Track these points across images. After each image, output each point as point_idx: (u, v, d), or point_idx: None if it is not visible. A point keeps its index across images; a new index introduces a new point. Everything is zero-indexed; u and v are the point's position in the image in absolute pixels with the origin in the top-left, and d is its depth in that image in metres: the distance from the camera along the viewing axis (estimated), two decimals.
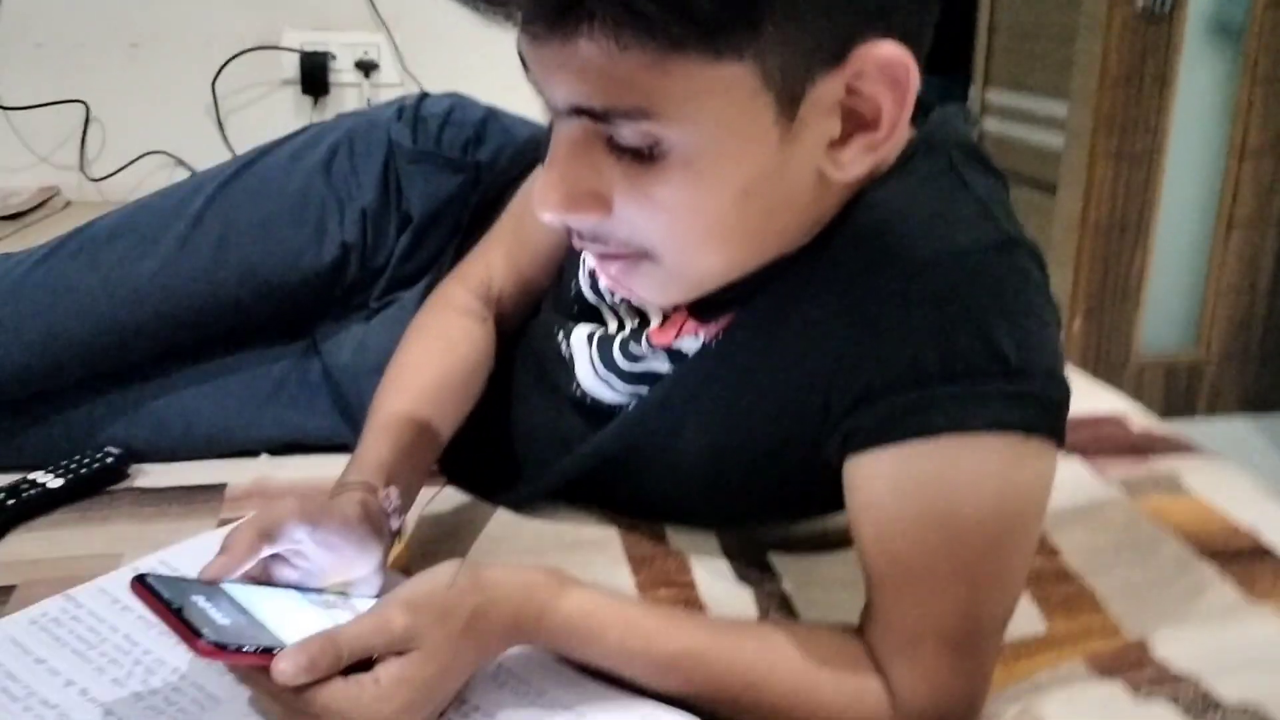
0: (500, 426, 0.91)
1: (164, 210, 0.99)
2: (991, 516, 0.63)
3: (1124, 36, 2.32)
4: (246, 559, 0.65)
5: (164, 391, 1.00)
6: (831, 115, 0.60)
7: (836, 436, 0.68)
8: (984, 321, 0.62)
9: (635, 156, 0.59)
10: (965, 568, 0.64)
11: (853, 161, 0.61)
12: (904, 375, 0.64)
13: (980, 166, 0.70)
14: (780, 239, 0.67)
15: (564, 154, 0.60)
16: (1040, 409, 0.63)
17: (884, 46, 0.57)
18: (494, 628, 0.63)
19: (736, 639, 0.67)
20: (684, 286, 0.68)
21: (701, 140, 0.57)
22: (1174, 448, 1.05)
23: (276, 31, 2.11)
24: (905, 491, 0.64)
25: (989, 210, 0.66)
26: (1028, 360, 0.63)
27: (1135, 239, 2.47)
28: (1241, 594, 0.80)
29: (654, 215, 0.61)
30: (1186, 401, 2.60)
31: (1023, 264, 0.65)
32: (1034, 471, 0.65)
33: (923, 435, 0.63)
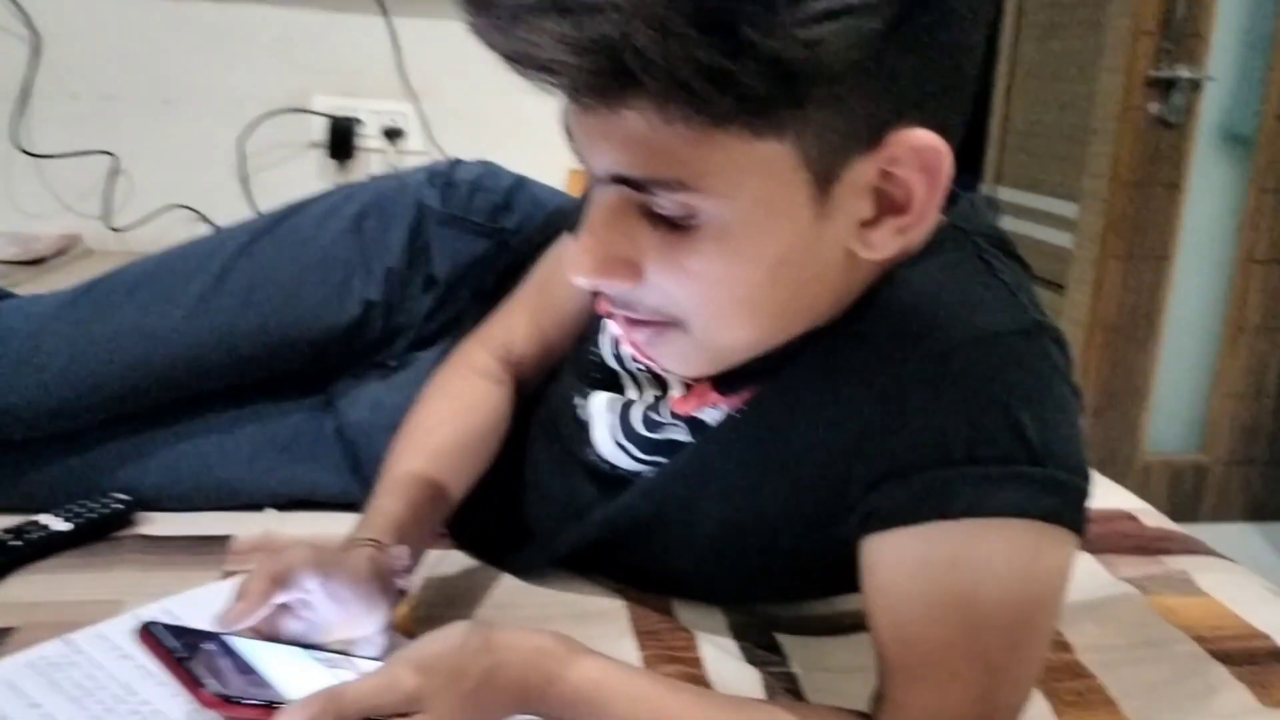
0: (512, 489, 0.91)
1: (192, 261, 1.00)
2: (1011, 603, 0.63)
3: (1136, 141, 2.36)
4: (261, 605, 0.65)
5: (176, 439, 0.99)
6: (864, 197, 0.61)
7: (856, 515, 0.68)
8: (1011, 406, 0.63)
9: (671, 226, 0.60)
10: (982, 655, 0.63)
11: (883, 243, 0.62)
12: (929, 455, 0.64)
13: (1005, 253, 0.71)
14: (808, 315, 0.67)
15: (601, 220, 0.61)
16: (1063, 497, 0.63)
17: (919, 134, 0.58)
18: (502, 692, 0.62)
19: (744, 717, 0.66)
20: (709, 357, 0.68)
21: (738, 214, 0.58)
22: (1186, 548, 1.04)
23: (306, 95, 2.15)
24: (924, 574, 0.64)
25: (1016, 296, 0.67)
26: (1052, 447, 0.63)
27: (1144, 340, 2.48)
28: (1255, 698, 0.79)
29: (686, 284, 0.61)
30: (1191, 504, 2.59)
31: (1049, 350, 0.65)
32: (1054, 560, 0.64)
33: (945, 517, 0.63)
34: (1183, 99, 2.34)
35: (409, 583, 0.76)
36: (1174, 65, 2.33)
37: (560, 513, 0.86)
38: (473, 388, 0.89)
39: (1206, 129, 2.43)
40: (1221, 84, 2.40)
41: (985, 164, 3.06)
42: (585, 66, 0.52)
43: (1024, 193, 2.91)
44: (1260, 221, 2.46)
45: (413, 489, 0.79)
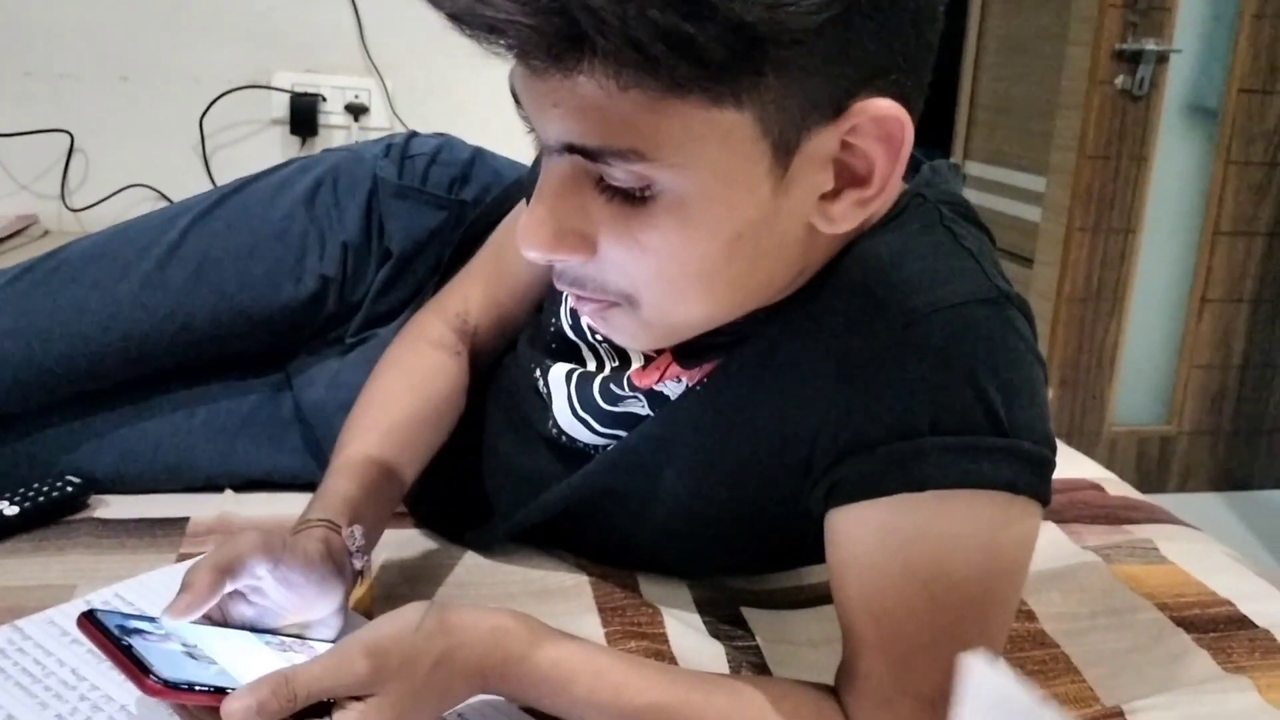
0: (471, 463, 0.89)
1: (142, 236, 0.98)
2: (976, 574, 0.62)
3: (1102, 114, 2.37)
4: (209, 597, 0.63)
5: (130, 420, 0.97)
6: (824, 169, 0.59)
7: (821, 488, 0.67)
8: (975, 376, 0.62)
9: (625, 198, 0.57)
10: (947, 626, 0.62)
11: (843, 216, 0.61)
12: (893, 427, 0.63)
13: (968, 221, 0.70)
14: (764, 289, 0.66)
15: (552, 191, 0.59)
16: (1028, 468, 0.63)
17: (881, 103, 0.57)
18: (459, 674, 0.61)
19: (708, 694, 0.65)
20: (661, 332, 0.66)
21: (694, 186, 0.56)
22: (1151, 517, 1.04)
23: (267, 71, 2.12)
24: (890, 546, 0.63)
25: (980, 265, 0.66)
26: (1017, 418, 0.62)
27: (1110, 312, 2.49)
28: (1218, 664, 0.79)
29: (639, 259, 0.59)
30: (1159, 475, 2.61)
31: (1013, 319, 0.65)
32: (1020, 531, 0.64)
33: (909, 489, 0.62)
34: (1149, 72, 2.34)
35: (365, 563, 0.74)
36: (1140, 38, 2.33)
37: (520, 487, 0.85)
38: (427, 360, 0.87)
39: (1172, 101, 2.43)
40: (1187, 56, 2.41)
41: (954, 139, 3.05)
42: (538, 28, 0.50)
43: (993, 167, 2.91)
44: (1225, 193, 2.47)
45: (366, 467, 0.78)
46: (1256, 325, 2.57)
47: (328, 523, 0.72)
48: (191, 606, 0.63)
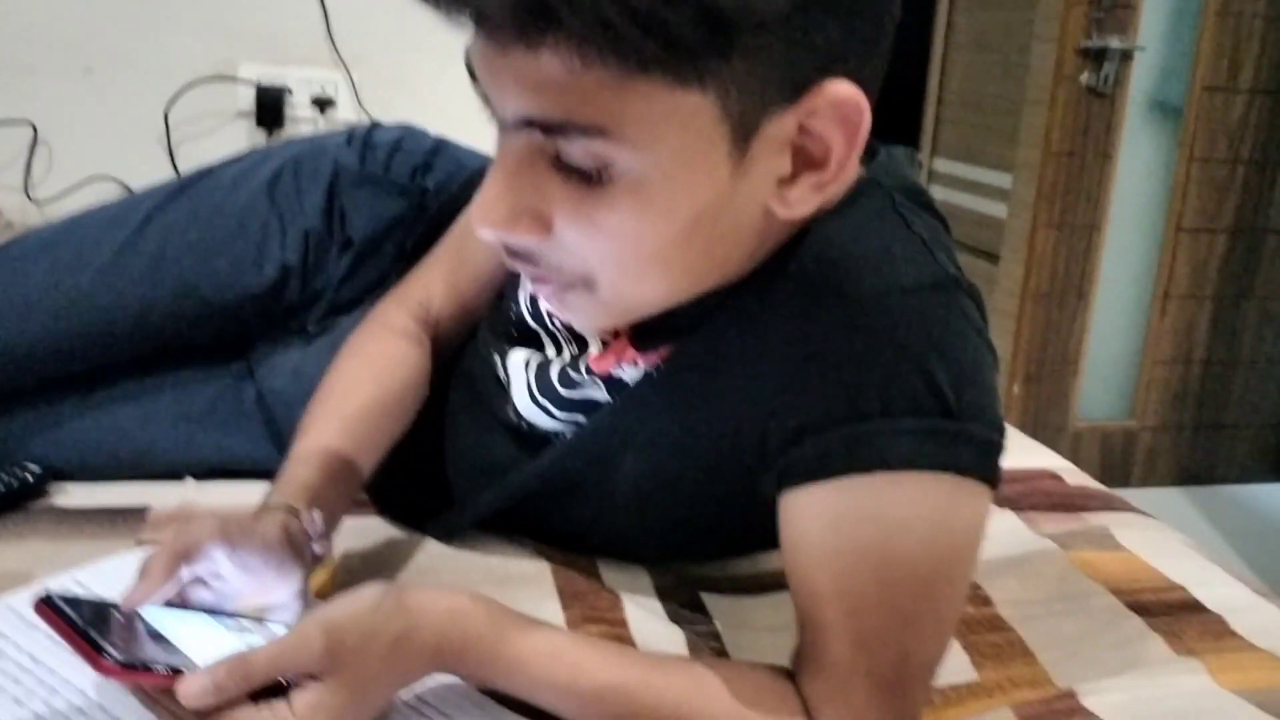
0: (432, 451, 0.89)
1: (103, 223, 0.97)
2: (925, 556, 0.63)
3: (1068, 111, 2.39)
4: (165, 583, 0.63)
5: (91, 408, 0.97)
6: (782, 153, 0.60)
7: (774, 471, 0.68)
8: (924, 359, 0.63)
9: (582, 178, 0.57)
10: (898, 607, 0.63)
11: (800, 200, 0.62)
12: (843, 410, 0.64)
13: (923, 208, 0.71)
14: (720, 271, 0.66)
15: (508, 168, 0.59)
16: (976, 450, 0.63)
17: (839, 87, 0.58)
18: (416, 654, 0.62)
19: (665, 675, 0.65)
20: (617, 313, 0.67)
21: (653, 167, 0.57)
22: (1107, 505, 1.06)
23: (233, 63, 2.10)
24: (839, 528, 0.64)
25: (930, 250, 0.66)
26: (966, 401, 0.63)
27: (1075, 308, 2.52)
28: (1170, 647, 0.80)
29: (595, 241, 0.59)
30: (1121, 470, 2.64)
31: (963, 304, 0.65)
32: (968, 513, 0.65)
33: (858, 471, 0.63)
34: (1114, 69, 2.37)
35: (325, 548, 0.74)
36: (1105, 35, 2.35)
37: (481, 474, 0.85)
38: (389, 349, 0.87)
39: (1137, 99, 2.46)
40: (1151, 54, 2.44)
41: (921, 135, 3.08)
42: (504, 2, 0.51)
43: (960, 164, 2.94)
44: (1189, 190, 2.50)
45: (327, 454, 0.78)
46: (1218, 321, 2.61)
47: (286, 508, 0.72)
48: (149, 593, 0.63)
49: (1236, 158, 2.50)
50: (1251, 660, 0.79)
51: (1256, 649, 0.81)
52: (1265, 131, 2.50)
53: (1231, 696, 0.74)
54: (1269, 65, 2.46)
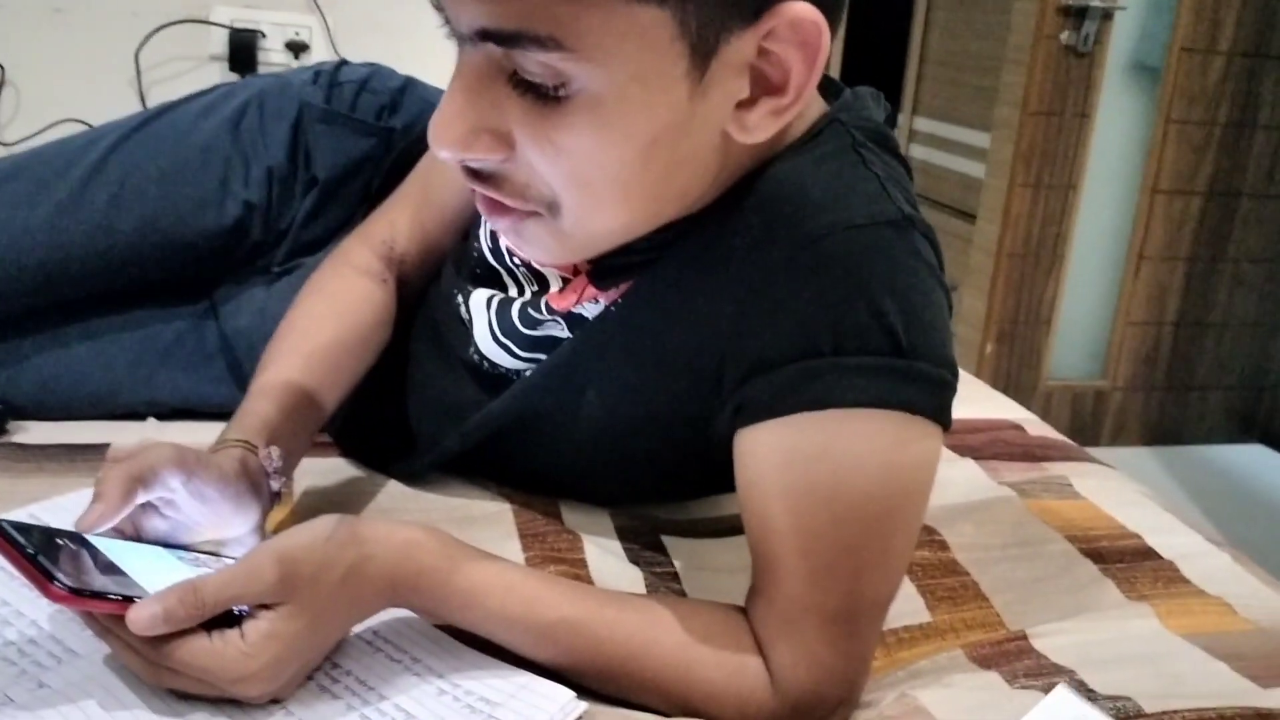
0: (394, 393, 0.89)
1: (62, 157, 0.96)
2: (875, 494, 0.64)
3: (1047, 70, 2.39)
4: (121, 506, 0.63)
5: (52, 346, 0.96)
6: (741, 75, 0.59)
7: (728, 408, 0.68)
8: (875, 296, 0.63)
9: (539, 96, 0.57)
10: (848, 545, 0.64)
11: (758, 125, 0.61)
12: (795, 347, 0.64)
13: (885, 149, 0.70)
14: (679, 199, 0.66)
15: (465, 85, 0.58)
16: (928, 389, 0.64)
17: (798, 6, 0.57)
18: (370, 584, 0.62)
19: (619, 610, 0.66)
20: (576, 245, 0.66)
21: (610, 84, 0.56)
22: (1068, 455, 1.07)
23: (206, 6, 2.07)
24: (791, 465, 0.64)
25: (885, 188, 0.66)
26: (916, 339, 0.63)
27: (1049, 268, 2.53)
28: (1122, 593, 0.81)
29: (555, 161, 0.59)
30: (1092, 429, 2.67)
31: (916, 243, 0.65)
32: (918, 451, 0.65)
33: (809, 408, 0.63)
34: (1094, 28, 2.36)
35: (283, 485, 0.74)
36: None
37: (443, 415, 0.85)
38: (352, 286, 0.87)
39: (1116, 59, 2.46)
40: (1131, 14, 2.43)
41: (903, 94, 3.06)
42: None
43: (941, 123, 2.93)
44: (1165, 152, 2.51)
45: (286, 391, 0.77)
46: (1191, 284, 2.62)
47: (245, 443, 0.72)
48: (104, 516, 0.62)
49: (1214, 120, 2.51)
50: (1200, 605, 0.81)
51: (1206, 595, 0.82)
52: (1243, 94, 2.50)
53: (1180, 640, 0.76)
54: (1248, 28, 2.46)
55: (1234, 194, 2.57)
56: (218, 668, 0.57)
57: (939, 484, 0.94)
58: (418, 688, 0.63)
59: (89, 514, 0.62)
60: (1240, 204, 2.58)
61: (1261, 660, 0.74)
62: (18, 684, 0.60)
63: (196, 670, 0.57)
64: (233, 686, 0.58)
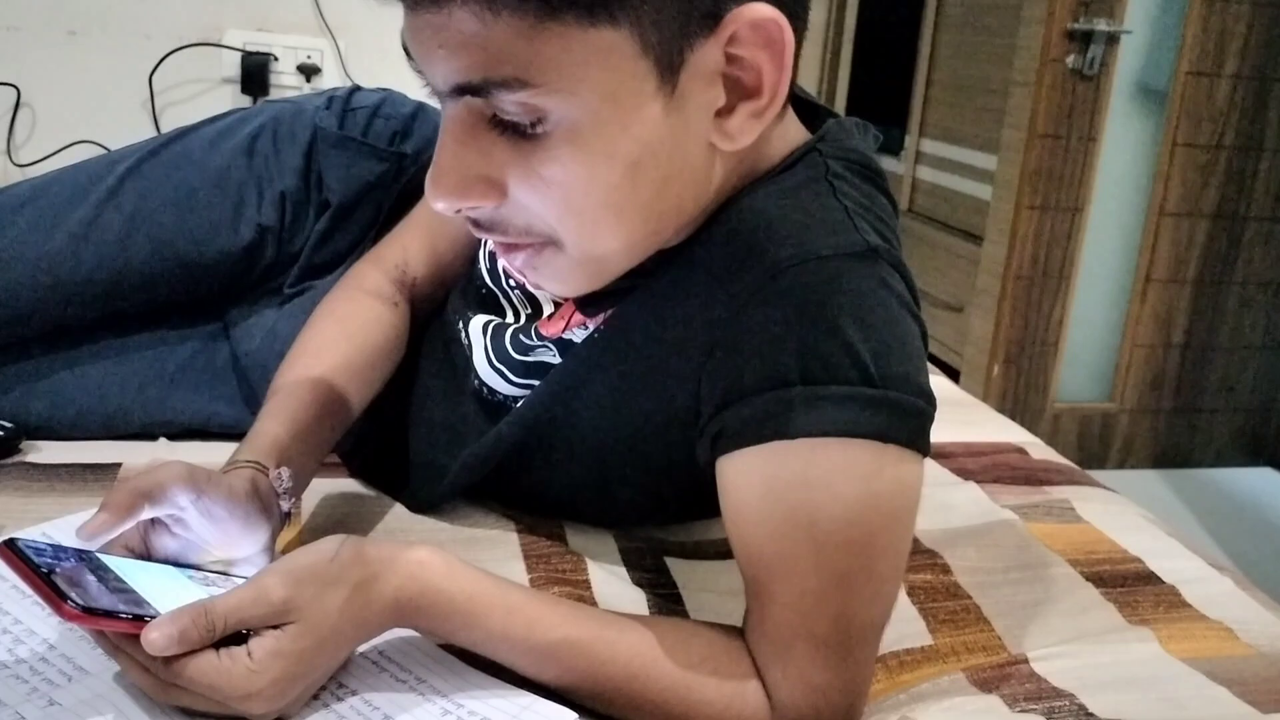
0: (401, 416, 0.90)
1: (79, 181, 0.97)
2: (854, 521, 0.63)
3: (1053, 93, 2.40)
4: (125, 518, 0.64)
5: (65, 366, 0.97)
6: (714, 84, 0.61)
7: (707, 436, 0.68)
8: (839, 326, 0.63)
9: (520, 134, 0.59)
10: (831, 571, 0.64)
11: (740, 130, 0.62)
12: (764, 378, 0.64)
13: (865, 180, 0.71)
14: (675, 215, 0.66)
15: (453, 138, 0.60)
16: (900, 417, 0.63)
17: (755, 7, 0.58)
18: (375, 604, 0.63)
19: (620, 631, 0.66)
20: (588, 273, 0.67)
21: (584, 112, 0.58)
22: (1070, 479, 1.07)
23: (219, 29, 2.10)
24: (769, 493, 0.64)
25: (851, 219, 0.66)
26: (886, 368, 0.63)
27: (1056, 290, 2.53)
28: (1123, 616, 0.82)
29: (547, 195, 0.60)
30: (1099, 451, 2.66)
31: (882, 274, 0.65)
32: (893, 478, 0.64)
33: (783, 437, 0.63)
34: (1100, 52, 2.37)
35: (293, 506, 0.75)
36: (1092, 18, 2.36)
37: (448, 442, 0.86)
38: (364, 309, 0.88)
39: (1122, 82, 2.47)
40: (1138, 37, 2.44)
41: (909, 116, 3.08)
42: None
43: (948, 145, 2.94)
44: (1172, 174, 2.51)
45: (298, 412, 0.78)
46: (1198, 306, 2.62)
47: (255, 464, 0.73)
48: (107, 525, 0.63)
49: (1220, 143, 2.51)
50: (1202, 630, 0.81)
51: (1207, 619, 0.83)
52: (1249, 118, 2.50)
53: (1181, 664, 0.76)
54: (1254, 51, 2.46)
55: (1241, 217, 2.58)
56: (225, 685, 0.58)
57: (941, 507, 0.96)
58: (421, 707, 0.64)
59: (92, 521, 0.63)
60: (1247, 227, 2.59)
61: (1263, 685, 0.74)
62: (29, 702, 0.61)
63: (204, 688, 0.58)
64: (239, 704, 0.59)
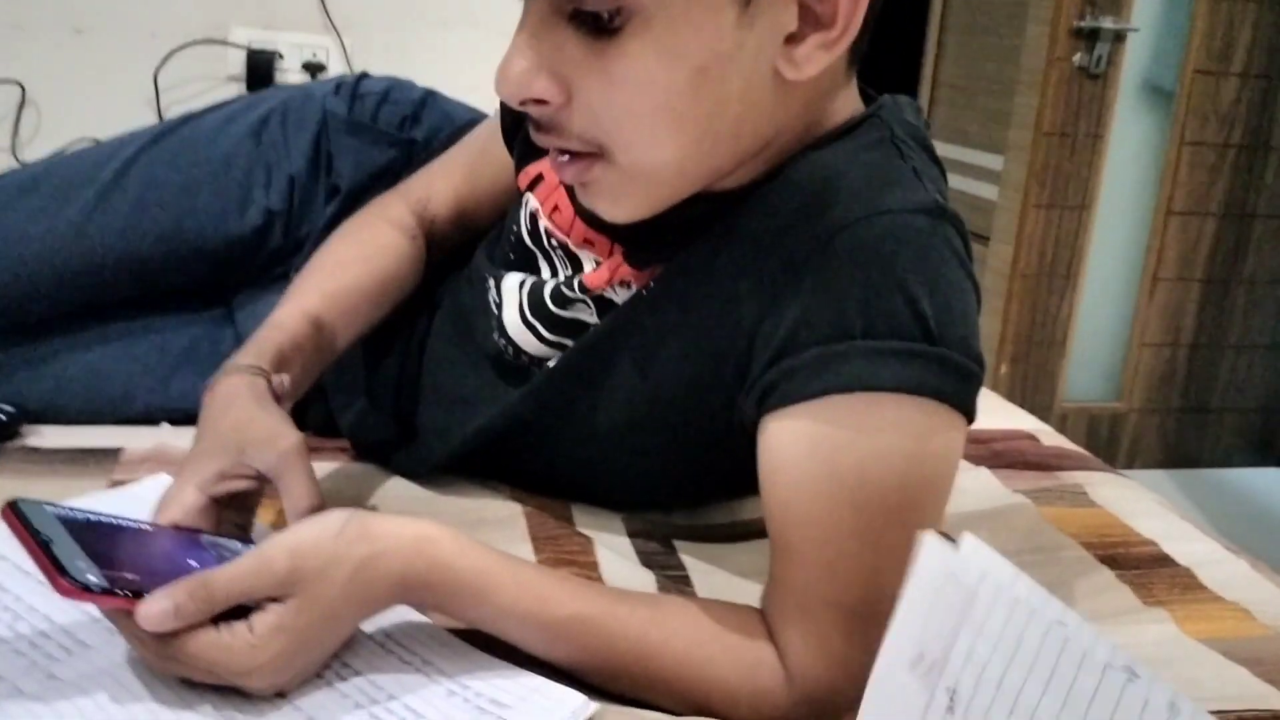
0: (411, 387, 0.90)
1: (86, 165, 0.97)
2: (899, 484, 0.63)
3: (1060, 92, 2.39)
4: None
5: (68, 350, 0.96)
6: (788, 6, 0.62)
7: (754, 393, 0.68)
8: (906, 282, 0.63)
9: (597, 30, 0.60)
10: (869, 533, 0.63)
11: (807, 59, 0.63)
12: (825, 329, 0.64)
13: (922, 149, 0.71)
14: (734, 143, 0.67)
15: (530, 29, 0.62)
16: (955, 378, 0.63)
17: None
18: (381, 580, 0.61)
19: (631, 608, 0.65)
20: (638, 189, 0.67)
21: (659, 6, 0.59)
22: (1082, 465, 1.06)
23: (224, 27, 2.10)
24: (815, 452, 0.64)
25: (920, 179, 0.67)
26: (946, 328, 0.63)
27: (1063, 289, 2.52)
28: (1138, 598, 0.81)
29: (610, 93, 0.62)
30: (1107, 451, 2.65)
31: (948, 234, 0.66)
32: (944, 441, 0.64)
33: (838, 390, 0.63)
34: (1106, 50, 2.37)
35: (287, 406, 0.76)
36: (1098, 16, 2.35)
37: (457, 406, 0.85)
38: (381, 236, 0.89)
39: (1129, 81, 2.46)
40: (1144, 36, 2.43)
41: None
42: None
43: (954, 146, 2.94)
44: (1179, 173, 2.51)
45: (301, 325, 0.79)
46: (1206, 305, 2.61)
47: (258, 368, 0.74)
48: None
49: (1227, 142, 2.50)
50: (1218, 611, 0.80)
51: (1223, 600, 0.82)
52: (1256, 116, 2.50)
53: (1198, 645, 0.75)
54: (1261, 49, 2.46)
55: (1248, 215, 2.57)
56: (224, 660, 0.57)
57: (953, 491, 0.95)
58: (427, 688, 0.63)
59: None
60: (1255, 225, 2.58)
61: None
62: (28, 676, 0.60)
63: (203, 662, 0.57)
64: (239, 679, 0.58)
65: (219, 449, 0.69)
